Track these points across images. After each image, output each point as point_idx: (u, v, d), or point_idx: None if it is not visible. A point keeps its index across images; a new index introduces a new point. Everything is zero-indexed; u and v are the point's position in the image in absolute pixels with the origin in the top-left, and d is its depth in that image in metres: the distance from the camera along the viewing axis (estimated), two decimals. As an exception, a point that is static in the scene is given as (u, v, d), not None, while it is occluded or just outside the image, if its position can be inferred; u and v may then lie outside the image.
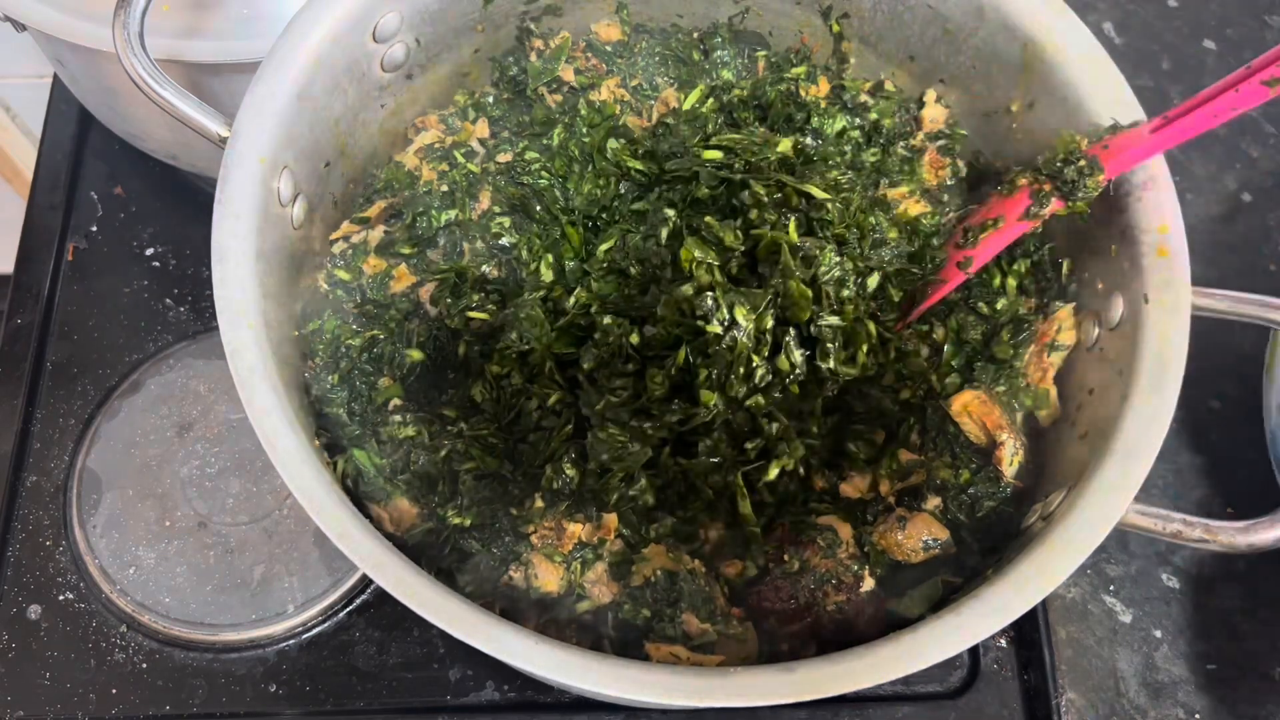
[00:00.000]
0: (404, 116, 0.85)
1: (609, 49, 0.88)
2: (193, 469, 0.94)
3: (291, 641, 0.88)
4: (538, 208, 0.81)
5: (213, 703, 0.86)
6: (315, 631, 0.89)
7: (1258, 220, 1.09)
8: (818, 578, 0.69)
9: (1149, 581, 0.93)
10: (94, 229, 1.08)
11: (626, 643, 0.68)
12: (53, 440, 0.96)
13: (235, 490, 0.93)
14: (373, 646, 0.88)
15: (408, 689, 0.87)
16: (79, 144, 1.13)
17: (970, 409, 0.71)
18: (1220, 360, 1.00)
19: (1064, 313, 0.73)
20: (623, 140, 0.84)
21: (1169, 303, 0.64)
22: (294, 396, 0.67)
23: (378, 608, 0.90)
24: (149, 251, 1.07)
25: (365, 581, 0.90)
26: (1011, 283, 0.77)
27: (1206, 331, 0.67)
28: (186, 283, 1.05)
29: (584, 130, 0.84)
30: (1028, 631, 0.89)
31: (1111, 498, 0.59)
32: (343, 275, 0.79)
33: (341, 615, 0.89)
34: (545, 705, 0.87)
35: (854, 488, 0.73)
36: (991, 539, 0.69)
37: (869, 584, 0.68)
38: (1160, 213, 0.66)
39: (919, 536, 0.69)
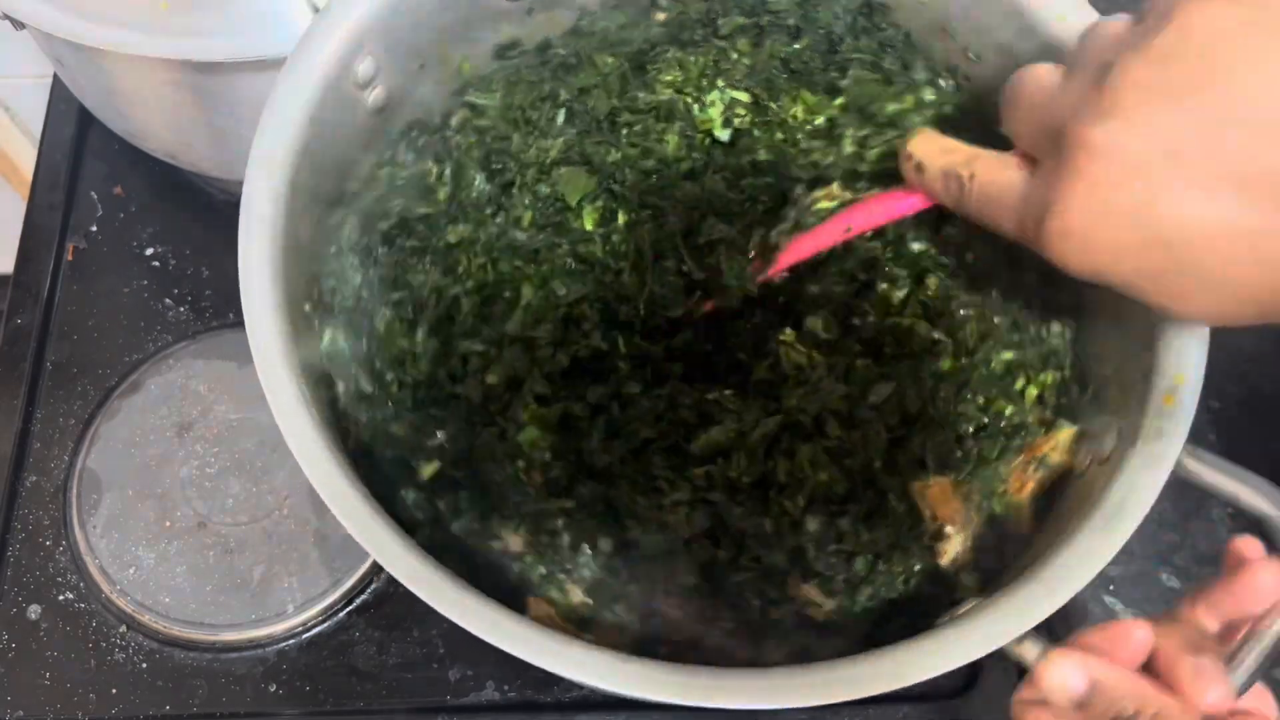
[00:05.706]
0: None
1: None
2: (192, 469, 0.94)
3: (291, 641, 0.88)
4: None
5: (213, 703, 0.86)
6: (315, 631, 0.89)
7: (1258, 220, 1.09)
8: None
9: (1149, 581, 0.92)
10: (94, 229, 1.08)
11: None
12: (52, 440, 0.96)
13: (235, 490, 0.93)
14: (372, 646, 0.88)
15: (408, 689, 0.86)
16: (79, 144, 1.12)
17: (929, 493, 0.66)
18: (1220, 360, 1.00)
19: (1065, 434, 0.66)
20: None
21: (1153, 453, 0.59)
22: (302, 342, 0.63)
23: (377, 608, 0.90)
24: (149, 251, 1.07)
25: (365, 581, 0.90)
26: (1033, 391, 0.69)
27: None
28: (186, 283, 1.04)
29: None
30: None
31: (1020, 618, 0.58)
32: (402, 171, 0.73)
33: (341, 615, 0.89)
34: (545, 705, 0.87)
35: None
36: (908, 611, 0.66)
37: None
38: (1181, 361, 0.62)
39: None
